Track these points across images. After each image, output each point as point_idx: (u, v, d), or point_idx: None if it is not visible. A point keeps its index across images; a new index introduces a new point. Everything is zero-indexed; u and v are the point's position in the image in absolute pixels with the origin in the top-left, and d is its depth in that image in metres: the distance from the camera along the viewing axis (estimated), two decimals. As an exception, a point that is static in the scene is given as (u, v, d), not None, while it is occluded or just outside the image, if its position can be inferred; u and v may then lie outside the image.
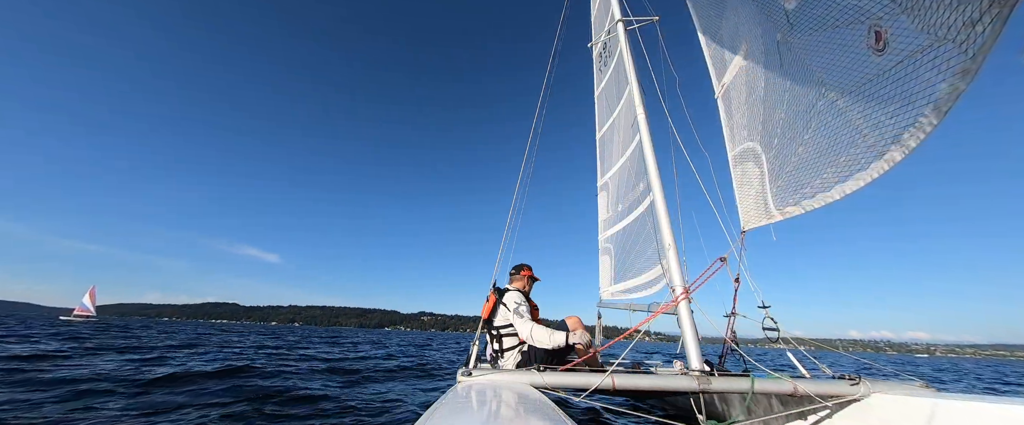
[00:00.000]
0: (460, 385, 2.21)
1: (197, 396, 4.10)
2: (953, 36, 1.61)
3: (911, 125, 1.86)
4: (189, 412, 3.50)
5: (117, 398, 3.92)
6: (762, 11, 2.87)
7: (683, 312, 2.95)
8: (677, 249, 3.19)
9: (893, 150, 1.97)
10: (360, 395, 4.66)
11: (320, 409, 3.85)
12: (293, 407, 3.85)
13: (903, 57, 1.86)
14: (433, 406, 1.62)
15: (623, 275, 5.63)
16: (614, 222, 6.28)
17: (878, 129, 2.05)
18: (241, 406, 3.77)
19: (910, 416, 1.98)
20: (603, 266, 6.70)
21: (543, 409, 1.59)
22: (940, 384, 7.88)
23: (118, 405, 3.65)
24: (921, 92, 1.79)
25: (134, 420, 3.21)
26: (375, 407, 4.04)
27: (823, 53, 2.32)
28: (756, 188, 3.30)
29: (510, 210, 5.27)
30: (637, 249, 5.25)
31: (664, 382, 2.41)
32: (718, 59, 4.17)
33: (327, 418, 3.55)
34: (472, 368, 2.66)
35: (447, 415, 1.42)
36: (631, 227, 5.51)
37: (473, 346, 4.23)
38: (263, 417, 3.45)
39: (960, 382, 10.89)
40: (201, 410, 3.59)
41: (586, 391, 2.27)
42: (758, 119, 3.34)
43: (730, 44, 3.78)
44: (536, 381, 2.27)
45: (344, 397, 4.40)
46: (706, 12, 4.17)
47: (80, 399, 3.81)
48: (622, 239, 5.82)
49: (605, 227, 6.81)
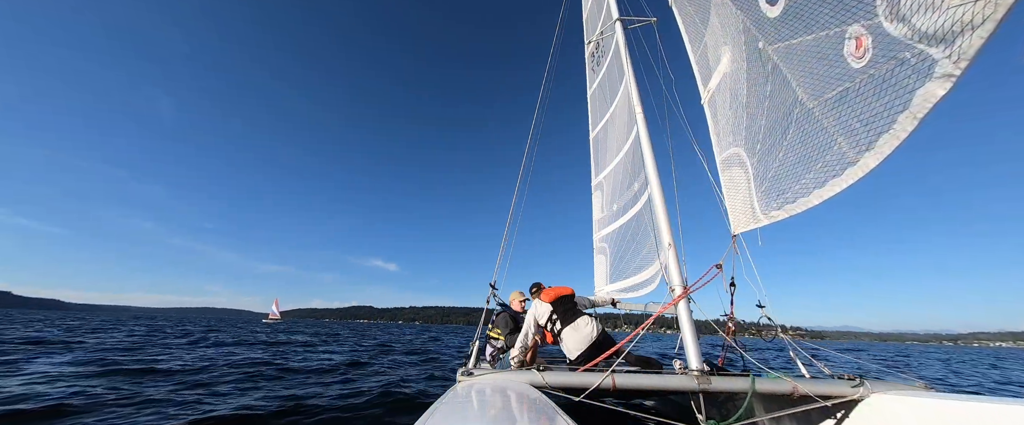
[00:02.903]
0: (460, 385, 2.21)
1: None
2: (938, 42, 1.61)
3: (885, 131, 1.87)
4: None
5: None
6: (746, 19, 2.89)
7: (682, 312, 2.94)
8: (677, 248, 3.20)
9: (867, 156, 1.98)
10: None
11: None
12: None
13: (882, 65, 1.89)
14: (433, 406, 1.61)
15: (619, 274, 5.62)
16: (609, 222, 6.26)
17: (852, 136, 2.07)
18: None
19: (910, 416, 1.98)
20: (598, 265, 6.66)
21: (543, 409, 1.58)
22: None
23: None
24: (898, 99, 1.81)
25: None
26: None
27: (803, 61, 2.35)
28: (743, 192, 3.32)
29: (510, 211, 5.30)
30: (632, 249, 5.24)
31: (664, 382, 2.41)
32: (704, 65, 4.20)
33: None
34: (472, 368, 2.66)
35: (447, 415, 1.42)
36: (626, 226, 5.50)
37: (473, 346, 4.21)
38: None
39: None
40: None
41: (586, 391, 2.26)
42: (742, 125, 3.37)
43: (714, 51, 3.82)
44: (536, 381, 2.27)
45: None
46: (692, 19, 4.21)
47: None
48: (617, 238, 5.81)
49: (600, 226, 6.78)
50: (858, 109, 1.99)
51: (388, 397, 4.97)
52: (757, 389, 2.29)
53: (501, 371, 2.65)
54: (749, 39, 2.90)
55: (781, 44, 2.49)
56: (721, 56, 3.55)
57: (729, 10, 3.13)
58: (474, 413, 1.56)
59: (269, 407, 4.17)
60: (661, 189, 3.51)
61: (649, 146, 3.84)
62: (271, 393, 4.99)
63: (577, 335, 3.39)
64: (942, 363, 17.73)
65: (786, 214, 2.83)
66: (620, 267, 5.61)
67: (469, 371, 2.47)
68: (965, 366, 15.68)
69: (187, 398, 4.48)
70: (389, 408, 4.54)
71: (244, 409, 4.05)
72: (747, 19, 2.84)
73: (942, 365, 16.13)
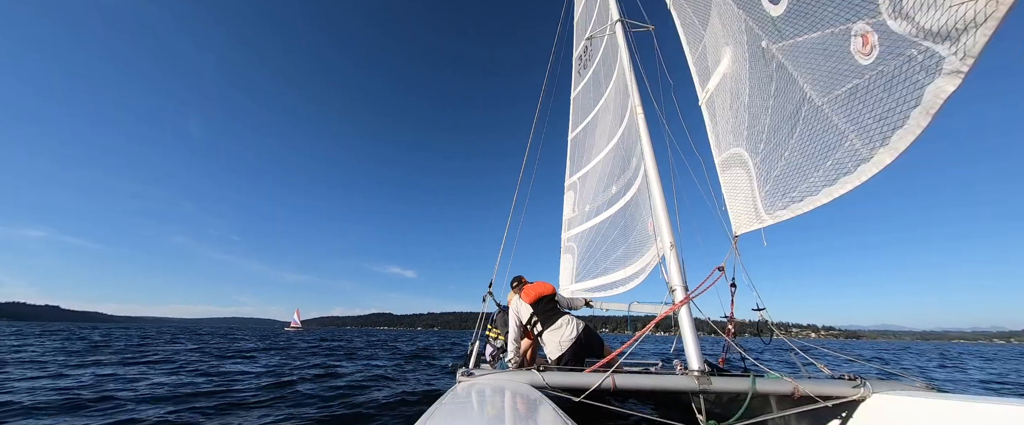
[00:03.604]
0: (460, 385, 2.20)
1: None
2: (943, 39, 1.62)
3: (899, 127, 1.86)
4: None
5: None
6: (748, 19, 2.90)
7: (683, 313, 2.94)
8: (677, 249, 3.21)
9: (882, 152, 1.98)
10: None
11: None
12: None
13: (890, 61, 1.88)
14: (433, 406, 1.60)
15: (589, 273, 5.60)
16: (582, 221, 6.24)
17: (865, 132, 2.06)
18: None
19: (911, 417, 1.97)
20: (565, 264, 6.64)
21: (543, 409, 1.59)
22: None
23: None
24: (910, 95, 1.81)
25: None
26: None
27: (810, 58, 2.34)
28: (745, 193, 3.31)
29: (508, 215, 5.30)
30: (604, 249, 5.24)
31: (664, 382, 2.42)
32: (702, 67, 4.22)
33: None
34: (472, 368, 2.66)
35: (447, 415, 1.42)
36: (602, 225, 5.47)
37: (472, 346, 4.17)
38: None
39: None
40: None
41: (586, 391, 2.26)
42: (743, 125, 3.37)
43: (714, 52, 3.84)
44: (536, 381, 2.26)
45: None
46: (690, 21, 4.24)
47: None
48: (591, 238, 5.79)
49: (570, 226, 6.76)
50: (870, 105, 1.99)
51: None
52: (758, 389, 2.29)
53: (501, 371, 2.64)
54: (751, 38, 2.90)
55: (786, 42, 2.50)
56: (721, 57, 3.56)
57: (731, 10, 3.15)
58: (474, 413, 1.57)
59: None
60: (661, 190, 3.52)
61: (650, 147, 3.86)
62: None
63: (558, 337, 3.42)
64: (985, 361, 16.34)
65: (792, 214, 2.81)
66: (589, 266, 5.60)
67: (469, 371, 2.47)
68: (1010, 365, 14.29)
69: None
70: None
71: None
72: (750, 18, 2.85)
73: (983, 363, 14.87)
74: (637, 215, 4.55)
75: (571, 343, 3.35)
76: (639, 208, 4.52)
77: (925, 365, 13.12)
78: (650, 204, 3.58)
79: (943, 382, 7.60)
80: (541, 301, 3.65)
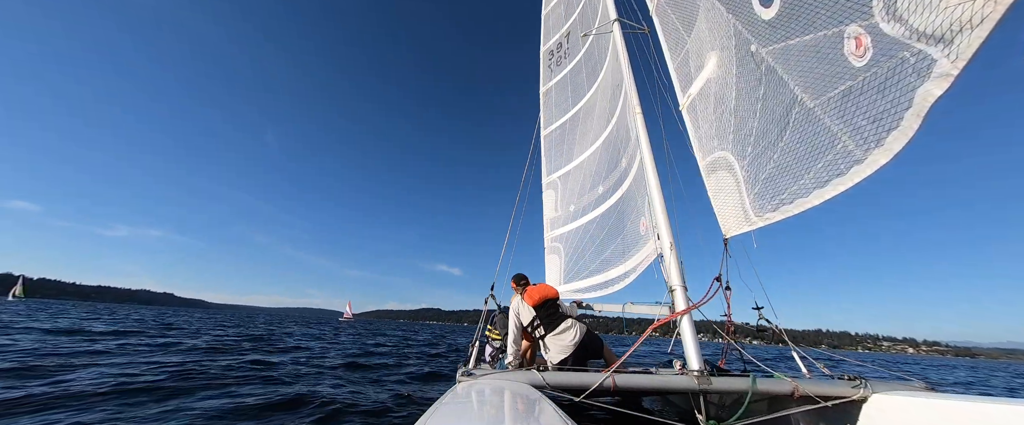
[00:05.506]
0: (460, 385, 2.19)
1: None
2: (936, 41, 1.63)
3: (894, 128, 1.88)
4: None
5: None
6: (737, 22, 2.92)
7: (683, 316, 2.92)
8: (676, 249, 3.21)
9: (876, 153, 1.99)
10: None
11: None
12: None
13: (883, 64, 1.90)
14: (433, 406, 1.58)
15: (577, 274, 5.54)
16: (567, 221, 6.17)
17: (859, 134, 2.07)
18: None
19: (911, 417, 1.98)
20: (551, 265, 6.56)
21: (543, 409, 1.58)
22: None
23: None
24: (903, 97, 1.82)
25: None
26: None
27: (802, 61, 2.36)
28: (733, 196, 3.33)
29: (511, 216, 5.29)
30: (594, 249, 5.21)
31: (664, 382, 2.42)
32: (684, 72, 4.25)
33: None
34: (472, 368, 2.66)
35: (447, 415, 1.42)
36: (590, 225, 5.42)
37: (472, 346, 4.08)
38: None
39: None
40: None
41: (586, 391, 2.25)
42: (728, 129, 3.39)
43: (697, 57, 3.86)
44: (536, 381, 2.26)
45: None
46: (674, 27, 4.27)
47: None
48: (578, 238, 5.72)
49: (553, 226, 6.65)
50: (864, 106, 2.00)
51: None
52: (758, 389, 2.30)
53: (501, 371, 2.63)
54: (740, 42, 2.92)
55: (777, 45, 2.51)
56: (705, 62, 3.58)
57: (719, 14, 3.17)
58: (474, 413, 1.58)
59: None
60: (661, 191, 3.53)
61: (649, 149, 3.86)
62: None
63: (561, 341, 3.42)
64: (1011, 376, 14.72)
65: (781, 216, 2.83)
66: (578, 267, 5.56)
67: (469, 371, 2.46)
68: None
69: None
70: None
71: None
72: (738, 22, 2.87)
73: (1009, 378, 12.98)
74: (627, 214, 4.53)
75: (575, 347, 3.36)
76: (629, 207, 4.51)
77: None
78: (648, 204, 3.60)
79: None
80: (545, 305, 3.59)
